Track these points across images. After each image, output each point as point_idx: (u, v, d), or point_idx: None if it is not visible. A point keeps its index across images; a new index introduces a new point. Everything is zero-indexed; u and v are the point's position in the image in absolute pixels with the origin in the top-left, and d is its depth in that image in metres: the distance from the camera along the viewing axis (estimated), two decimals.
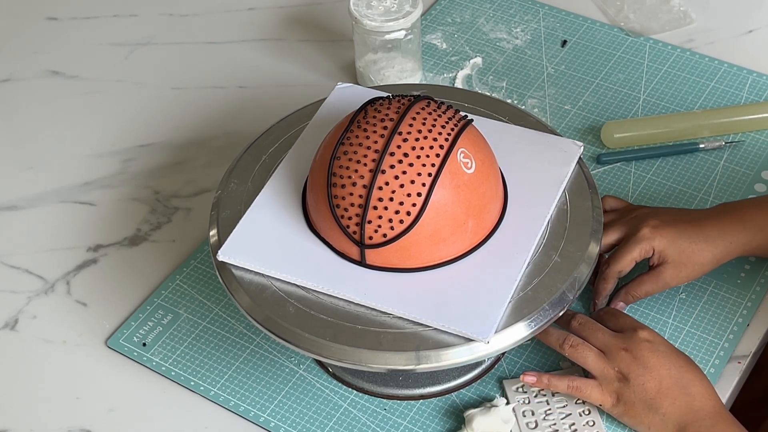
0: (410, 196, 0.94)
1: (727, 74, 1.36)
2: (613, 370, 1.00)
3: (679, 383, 0.99)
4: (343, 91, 1.14)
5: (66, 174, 1.31)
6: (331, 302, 0.97)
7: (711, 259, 1.08)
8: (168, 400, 1.09)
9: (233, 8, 1.51)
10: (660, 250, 1.08)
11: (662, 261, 1.08)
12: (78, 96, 1.40)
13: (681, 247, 1.08)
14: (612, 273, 1.09)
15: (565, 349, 1.02)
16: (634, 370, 0.99)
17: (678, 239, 1.08)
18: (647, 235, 1.08)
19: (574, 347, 1.01)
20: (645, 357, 0.99)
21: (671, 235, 1.08)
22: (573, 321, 1.04)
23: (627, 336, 1.01)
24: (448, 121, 0.97)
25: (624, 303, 1.10)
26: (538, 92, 1.35)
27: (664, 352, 1.00)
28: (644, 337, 1.01)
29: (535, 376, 1.03)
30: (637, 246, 1.08)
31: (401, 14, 1.27)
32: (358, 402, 1.07)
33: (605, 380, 1.00)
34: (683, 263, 1.08)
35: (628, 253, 1.08)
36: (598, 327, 1.03)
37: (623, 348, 1.00)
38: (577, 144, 1.08)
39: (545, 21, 1.45)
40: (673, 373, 0.99)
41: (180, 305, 1.16)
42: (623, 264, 1.09)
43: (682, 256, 1.08)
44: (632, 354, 1.00)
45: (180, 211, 1.26)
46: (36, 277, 1.20)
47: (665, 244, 1.07)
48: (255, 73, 1.41)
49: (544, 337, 1.03)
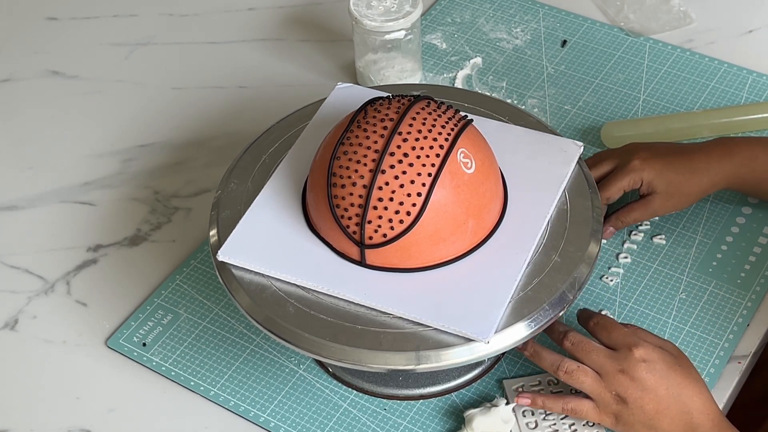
0: (410, 196, 0.94)
1: (727, 74, 1.36)
2: (611, 393, 0.98)
3: (678, 401, 0.97)
4: (343, 91, 1.14)
5: (66, 174, 1.31)
6: (331, 302, 0.97)
7: (697, 190, 1.13)
8: (168, 400, 1.09)
9: (233, 8, 1.51)
10: (648, 181, 1.12)
11: (651, 191, 1.13)
12: (78, 96, 1.41)
13: (668, 178, 1.12)
14: (601, 199, 1.10)
15: (559, 374, 0.99)
16: (632, 393, 0.97)
17: (666, 170, 1.12)
18: (637, 167, 1.12)
19: (569, 373, 0.99)
20: (642, 378, 0.97)
21: (659, 166, 1.12)
22: (565, 341, 1.01)
23: (622, 356, 0.98)
24: (448, 121, 0.97)
25: (614, 228, 1.15)
26: (538, 92, 1.35)
27: (660, 370, 0.98)
28: (640, 356, 0.98)
29: (530, 398, 1.02)
30: (627, 176, 1.12)
31: (401, 14, 1.27)
32: (358, 402, 1.07)
33: (602, 403, 0.99)
34: (670, 193, 1.12)
35: (617, 182, 1.12)
36: (591, 347, 0.99)
37: (619, 370, 0.97)
38: (577, 144, 1.08)
39: (545, 21, 1.45)
40: (672, 391, 0.97)
41: (180, 305, 1.16)
42: (612, 192, 1.12)
43: (669, 186, 1.12)
44: (629, 376, 0.97)
45: (180, 211, 1.26)
46: (36, 277, 1.20)
47: (653, 175, 1.12)
48: (255, 73, 1.41)
49: (537, 360, 1.01)
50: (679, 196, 1.13)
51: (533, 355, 1.02)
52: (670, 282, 1.15)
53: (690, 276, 1.15)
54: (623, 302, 1.13)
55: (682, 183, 1.12)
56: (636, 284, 1.15)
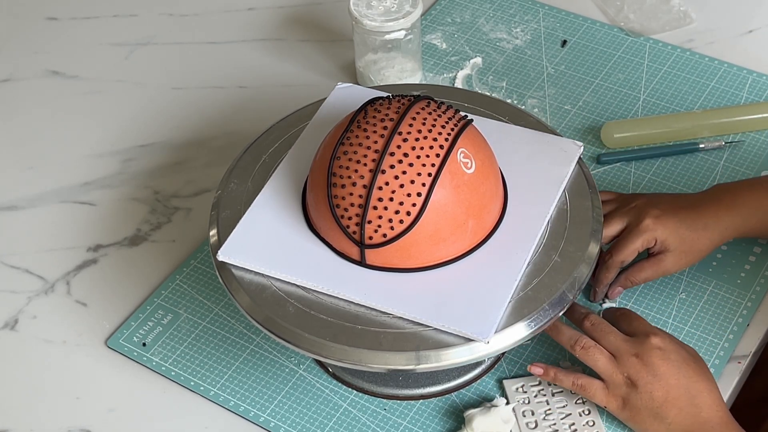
0: (410, 196, 0.94)
1: (727, 74, 1.36)
2: (622, 376, 0.99)
3: (688, 393, 0.98)
4: (343, 91, 1.14)
5: (66, 174, 1.31)
6: (331, 302, 0.97)
7: (709, 245, 1.10)
8: (168, 400, 1.09)
9: (233, 8, 1.51)
10: (662, 240, 1.09)
11: (664, 249, 1.09)
12: (78, 96, 1.41)
13: (683, 236, 1.09)
14: (615, 263, 1.10)
15: (576, 350, 1.01)
16: (643, 377, 0.98)
17: (679, 228, 1.09)
18: (650, 226, 1.09)
19: (585, 349, 1.00)
20: (655, 364, 0.98)
21: (673, 225, 1.09)
22: (586, 321, 1.03)
23: (639, 341, 1.00)
24: (448, 121, 0.97)
25: (622, 288, 1.12)
26: (538, 92, 1.35)
27: (674, 360, 0.99)
28: (656, 344, 0.99)
29: (543, 368, 1.03)
30: (640, 237, 1.09)
31: (401, 14, 1.27)
32: (358, 402, 1.07)
33: (613, 384, 0.99)
34: (684, 251, 1.09)
35: (631, 244, 1.09)
36: (610, 329, 1.01)
37: (634, 354, 0.99)
38: (577, 144, 1.08)
39: (545, 21, 1.45)
40: (682, 382, 0.98)
41: (180, 305, 1.16)
42: (626, 254, 1.09)
43: (683, 244, 1.09)
44: (642, 360, 0.98)
45: (180, 211, 1.26)
46: (36, 277, 1.20)
47: (667, 234, 1.09)
48: (255, 73, 1.41)
49: (555, 334, 1.03)
50: (692, 253, 1.10)
51: (552, 329, 1.02)
52: (670, 282, 1.15)
53: (690, 276, 1.15)
54: (623, 302, 1.13)
55: (695, 240, 1.09)
56: None
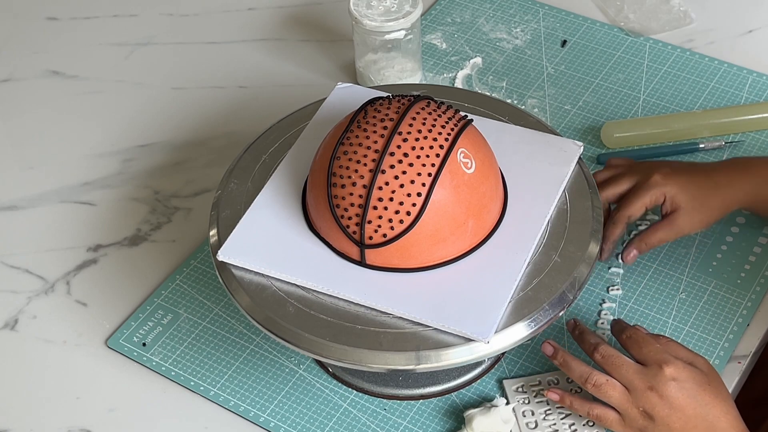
0: (410, 196, 0.94)
1: (727, 74, 1.36)
2: (638, 410, 0.97)
3: (705, 421, 0.96)
4: (343, 91, 1.14)
5: (66, 174, 1.31)
6: (331, 302, 0.97)
7: (721, 205, 1.10)
8: (168, 400, 1.09)
9: (233, 8, 1.51)
10: (671, 196, 1.09)
11: (675, 208, 1.09)
12: (78, 96, 1.41)
13: (692, 192, 1.09)
14: (622, 217, 1.09)
15: (587, 387, 0.99)
16: (660, 411, 0.96)
17: (688, 185, 1.09)
18: (659, 182, 1.09)
19: (597, 386, 0.98)
20: (671, 397, 0.96)
21: (682, 181, 1.09)
22: (596, 353, 0.99)
23: (652, 373, 0.97)
24: (448, 121, 0.97)
25: (637, 251, 1.12)
26: (538, 92, 1.35)
27: (690, 389, 0.96)
28: (670, 375, 0.96)
29: (559, 395, 1.01)
30: (648, 192, 1.09)
31: (401, 14, 1.27)
32: (358, 402, 1.07)
33: (629, 418, 0.97)
34: (696, 208, 1.09)
35: (639, 199, 1.09)
36: (622, 362, 0.98)
37: (648, 387, 0.96)
38: (577, 144, 1.08)
39: (545, 21, 1.45)
40: (699, 411, 0.96)
41: (180, 305, 1.16)
42: (634, 209, 1.09)
43: (694, 201, 1.09)
44: (658, 393, 0.96)
45: (180, 211, 1.26)
46: (36, 277, 1.20)
47: (676, 191, 1.09)
48: (255, 73, 1.41)
49: (566, 370, 1.00)
50: (704, 210, 1.09)
51: (562, 365, 1.01)
52: (670, 282, 1.15)
53: (690, 276, 1.15)
54: (623, 302, 1.13)
55: (706, 197, 1.09)
56: (636, 284, 1.15)
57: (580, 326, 1.03)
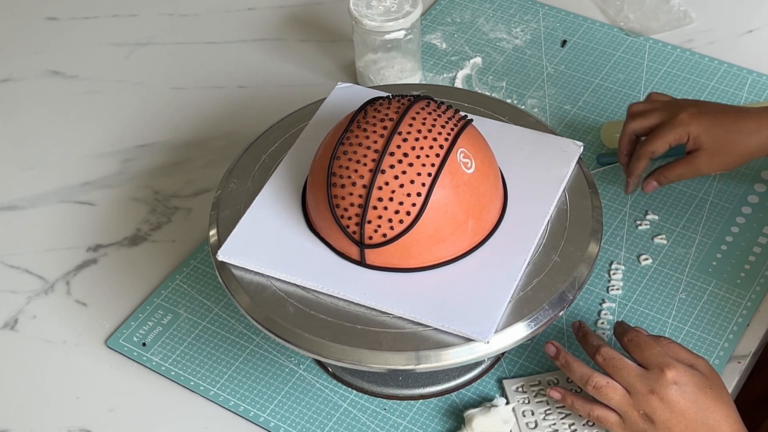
0: (410, 196, 0.94)
1: (727, 74, 1.36)
2: (638, 413, 0.97)
3: (706, 425, 0.96)
4: (343, 91, 1.14)
5: (66, 174, 1.31)
6: (331, 302, 0.97)
7: (744, 150, 1.10)
8: (168, 400, 1.09)
9: (233, 8, 1.51)
10: (695, 136, 1.10)
11: (697, 147, 1.10)
12: (78, 96, 1.41)
13: (716, 134, 1.10)
14: (645, 152, 1.11)
15: (588, 389, 0.99)
16: (661, 414, 0.96)
17: (714, 126, 1.10)
18: (684, 121, 1.10)
19: (597, 389, 0.98)
20: (672, 401, 0.96)
21: (707, 122, 1.10)
22: (597, 355, 0.99)
23: (653, 377, 0.97)
24: (448, 121, 0.97)
25: (657, 183, 1.14)
26: (538, 92, 1.35)
27: (691, 393, 0.96)
28: (672, 378, 0.96)
29: (561, 394, 1.01)
30: (673, 129, 1.10)
31: (401, 14, 1.28)
32: (358, 402, 1.07)
33: (629, 420, 0.97)
34: (717, 150, 1.10)
35: (663, 136, 1.10)
36: (623, 364, 0.98)
37: (649, 390, 0.96)
38: (577, 144, 1.08)
39: (545, 21, 1.45)
40: (700, 416, 0.96)
41: (180, 305, 1.16)
42: (657, 145, 1.11)
43: (716, 143, 1.10)
44: (659, 397, 0.96)
45: (180, 211, 1.26)
46: (36, 277, 1.20)
47: (700, 131, 1.10)
48: (255, 73, 1.41)
49: (568, 371, 1.01)
50: (726, 154, 1.10)
51: (564, 366, 1.01)
52: (670, 282, 1.15)
53: (690, 276, 1.15)
54: (623, 302, 1.13)
55: (729, 141, 1.10)
56: (636, 284, 1.15)
57: (584, 328, 1.03)
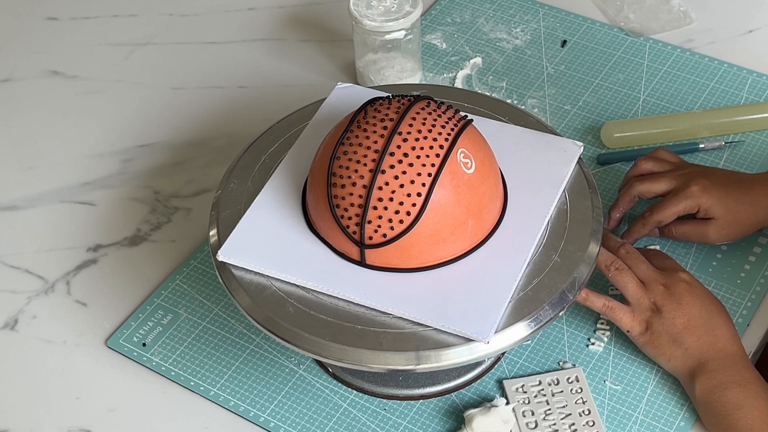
0: (410, 196, 0.94)
1: (727, 74, 1.36)
2: (649, 301, 1.04)
3: (707, 324, 1.02)
4: (343, 91, 1.14)
5: (66, 174, 1.31)
6: (331, 302, 0.97)
7: (754, 221, 1.12)
8: (168, 400, 1.09)
9: (233, 8, 1.51)
10: (706, 208, 1.11)
11: (708, 216, 1.12)
12: (78, 96, 1.41)
13: (728, 206, 1.11)
14: (652, 221, 1.13)
15: (610, 270, 1.05)
16: (668, 304, 1.03)
17: (725, 198, 1.11)
18: (695, 193, 1.11)
19: (619, 270, 1.04)
20: (681, 294, 1.03)
21: (719, 194, 1.11)
22: (621, 248, 1.07)
23: (668, 274, 1.05)
24: (448, 121, 0.97)
25: (660, 233, 1.16)
26: (538, 92, 1.35)
27: (699, 294, 1.04)
28: (684, 278, 1.04)
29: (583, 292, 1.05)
30: (683, 201, 1.11)
31: (401, 14, 1.28)
32: (358, 402, 1.07)
33: (639, 308, 1.04)
34: (729, 222, 1.12)
35: (672, 206, 1.12)
36: (642, 259, 1.06)
37: (662, 283, 1.04)
38: (577, 144, 1.08)
39: (545, 21, 1.45)
40: (704, 314, 1.03)
41: (180, 305, 1.16)
42: (666, 215, 1.12)
43: (728, 214, 1.11)
44: (669, 290, 1.03)
45: (180, 211, 1.26)
46: (36, 277, 1.20)
47: (712, 203, 1.11)
48: (255, 73, 1.41)
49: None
50: (736, 225, 1.12)
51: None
52: None
53: None
54: (623, 302, 1.13)
55: (740, 213, 1.12)
56: None
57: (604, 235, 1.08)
